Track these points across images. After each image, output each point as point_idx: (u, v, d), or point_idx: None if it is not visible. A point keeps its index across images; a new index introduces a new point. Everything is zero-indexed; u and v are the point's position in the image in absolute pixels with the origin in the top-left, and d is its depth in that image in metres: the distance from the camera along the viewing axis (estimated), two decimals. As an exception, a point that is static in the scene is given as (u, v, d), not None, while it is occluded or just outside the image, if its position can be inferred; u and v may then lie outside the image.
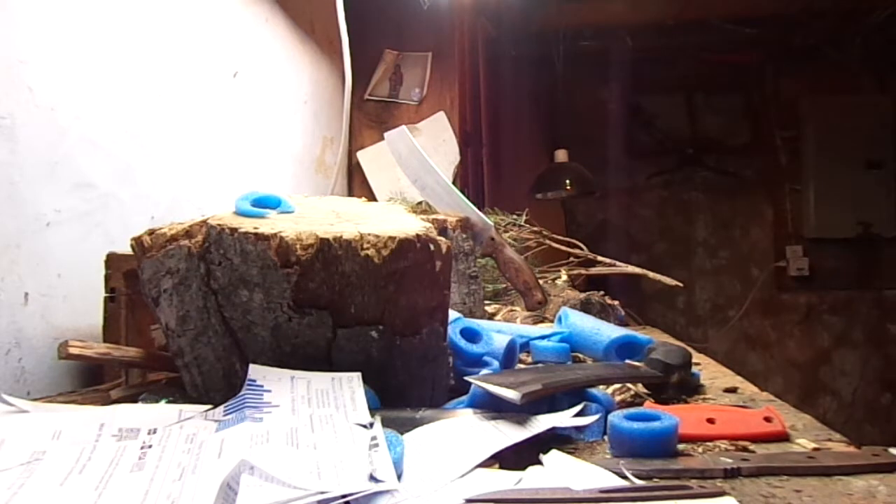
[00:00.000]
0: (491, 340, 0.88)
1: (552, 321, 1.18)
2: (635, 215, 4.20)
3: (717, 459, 0.57)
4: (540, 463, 0.56)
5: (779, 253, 4.12)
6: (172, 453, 0.54)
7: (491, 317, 1.29)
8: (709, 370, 1.04)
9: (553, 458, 0.57)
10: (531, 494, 0.50)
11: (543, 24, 3.40)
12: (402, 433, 0.57)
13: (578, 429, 0.66)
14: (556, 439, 0.64)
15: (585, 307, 1.37)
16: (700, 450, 0.62)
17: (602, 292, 1.50)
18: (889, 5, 3.36)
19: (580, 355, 0.98)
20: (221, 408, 0.62)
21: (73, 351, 0.73)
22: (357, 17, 1.96)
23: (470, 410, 0.65)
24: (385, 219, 0.77)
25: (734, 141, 4.16)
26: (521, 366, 0.90)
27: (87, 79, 1.06)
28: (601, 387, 0.77)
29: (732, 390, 0.88)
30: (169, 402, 0.68)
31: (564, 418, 0.64)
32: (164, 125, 1.27)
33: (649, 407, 0.75)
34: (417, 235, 0.70)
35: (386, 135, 1.43)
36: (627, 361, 0.86)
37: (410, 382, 0.72)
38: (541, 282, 1.45)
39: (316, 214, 0.77)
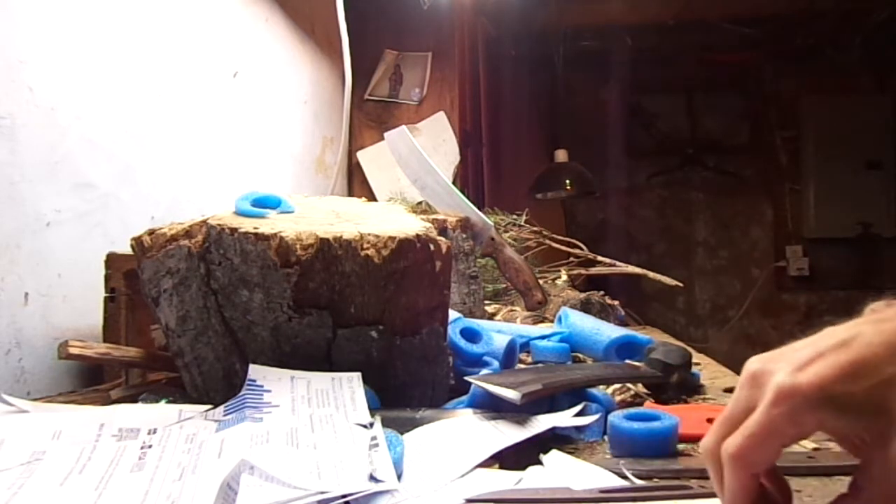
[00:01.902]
0: (491, 340, 0.88)
1: (552, 321, 1.18)
2: (635, 215, 4.20)
3: (717, 459, 0.57)
4: (540, 463, 0.56)
5: (779, 253, 4.13)
6: (172, 453, 0.54)
7: (491, 317, 1.29)
8: (709, 370, 1.04)
9: (553, 458, 0.57)
10: (531, 494, 0.50)
11: (543, 24, 3.40)
12: (402, 433, 0.57)
13: (578, 429, 0.65)
14: (556, 439, 0.63)
15: (585, 307, 1.37)
16: (700, 450, 0.61)
17: (602, 292, 1.50)
18: (889, 5, 3.36)
19: (580, 355, 0.97)
20: (221, 408, 0.62)
21: (73, 351, 0.73)
22: (357, 17, 1.96)
23: (470, 410, 0.65)
24: (385, 219, 0.77)
25: (734, 141, 4.16)
26: (521, 366, 0.90)
27: (87, 79, 1.06)
28: (601, 387, 0.77)
29: (732, 390, 0.88)
30: (169, 402, 0.68)
31: (564, 418, 0.64)
32: (164, 125, 1.27)
33: (649, 407, 0.75)
34: (417, 235, 0.70)
35: (386, 135, 1.43)
36: (627, 361, 0.86)
37: (410, 382, 0.72)
38: (541, 282, 1.45)
39: (316, 214, 0.77)
